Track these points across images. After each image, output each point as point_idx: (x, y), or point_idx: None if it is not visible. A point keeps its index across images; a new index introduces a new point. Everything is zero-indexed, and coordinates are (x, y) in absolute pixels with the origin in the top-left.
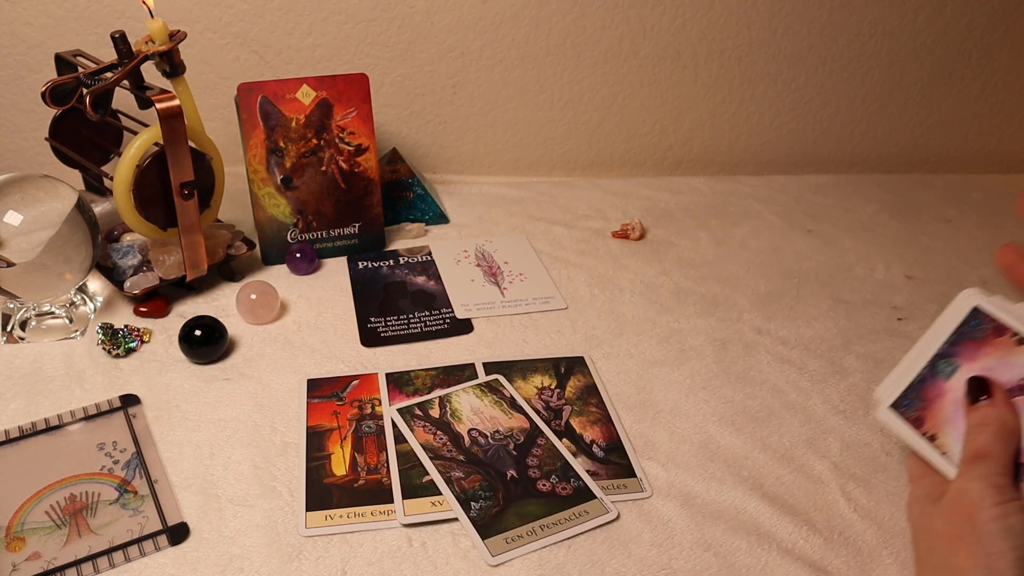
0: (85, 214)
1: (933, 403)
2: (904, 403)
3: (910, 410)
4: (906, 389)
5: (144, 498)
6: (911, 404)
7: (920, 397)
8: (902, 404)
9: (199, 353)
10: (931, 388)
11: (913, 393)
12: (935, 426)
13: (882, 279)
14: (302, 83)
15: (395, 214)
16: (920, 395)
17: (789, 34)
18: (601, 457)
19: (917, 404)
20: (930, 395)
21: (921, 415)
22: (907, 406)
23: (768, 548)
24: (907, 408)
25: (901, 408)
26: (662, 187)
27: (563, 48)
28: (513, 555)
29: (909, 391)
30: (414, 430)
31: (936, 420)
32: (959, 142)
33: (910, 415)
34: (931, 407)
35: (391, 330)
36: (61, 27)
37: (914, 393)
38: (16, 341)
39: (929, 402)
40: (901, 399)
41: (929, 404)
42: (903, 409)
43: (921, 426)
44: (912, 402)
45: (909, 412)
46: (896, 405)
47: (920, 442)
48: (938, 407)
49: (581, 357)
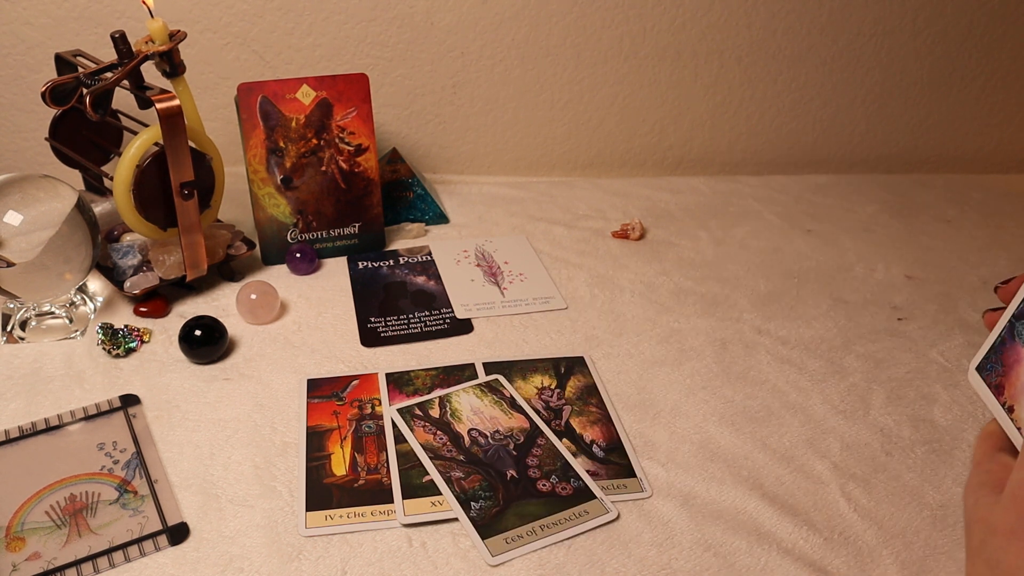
0: (85, 214)
1: (1012, 369)
2: (988, 367)
3: (992, 375)
4: (988, 351)
5: (144, 498)
6: (993, 368)
7: (1001, 361)
8: (986, 368)
9: (199, 353)
10: (1010, 352)
11: (995, 356)
12: (1013, 396)
13: (882, 279)
14: (302, 83)
15: (395, 214)
16: (1001, 359)
17: (789, 34)
18: (601, 457)
19: (999, 369)
20: (1009, 360)
21: (1002, 381)
22: (990, 370)
23: (768, 548)
24: (990, 372)
25: (985, 372)
26: (662, 187)
27: (563, 48)
28: (513, 555)
29: (991, 354)
30: (414, 430)
31: (1014, 389)
32: (959, 142)
33: (992, 380)
34: (1010, 374)
35: (391, 330)
36: (61, 27)
37: (996, 356)
38: (16, 341)
39: (1008, 368)
40: (985, 361)
41: (1008, 370)
42: (987, 373)
43: (1001, 394)
44: (994, 366)
45: (991, 377)
46: (980, 368)
47: (1001, 414)
48: (1016, 375)
49: (581, 357)
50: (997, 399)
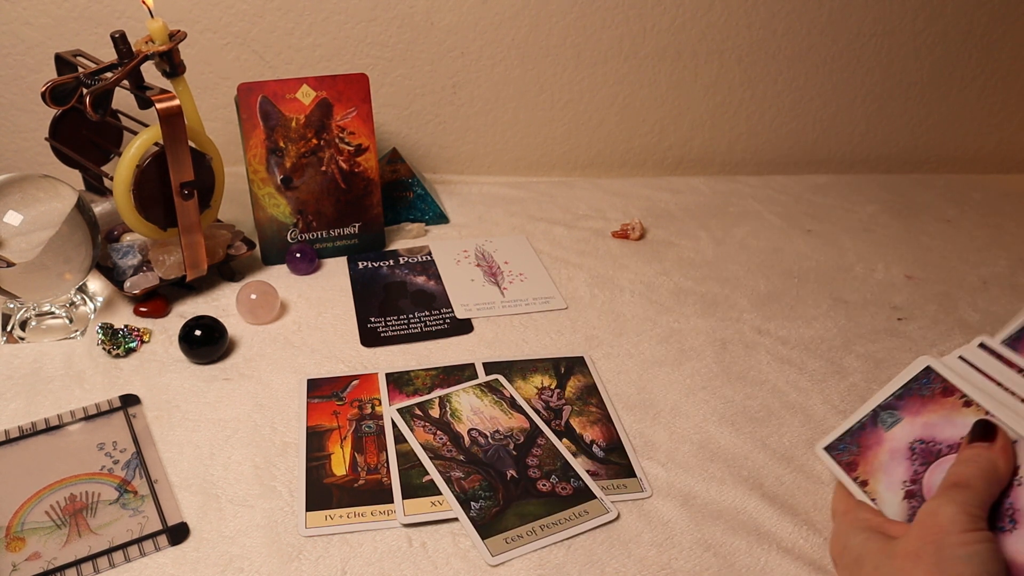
0: (85, 214)
1: (869, 451)
2: (840, 447)
3: (844, 454)
4: (843, 434)
5: (144, 498)
6: (846, 448)
7: (857, 443)
8: (837, 448)
9: (199, 353)
10: (869, 436)
11: (850, 438)
12: (867, 472)
13: (882, 279)
14: (302, 83)
15: (395, 214)
16: (857, 441)
17: (789, 34)
18: (601, 457)
19: (852, 449)
20: (867, 442)
21: (855, 460)
22: (842, 449)
23: (768, 548)
24: (842, 452)
25: (835, 452)
26: (662, 187)
27: (563, 48)
28: (513, 555)
29: (846, 436)
30: (414, 430)
31: (870, 467)
32: (959, 142)
33: (843, 459)
34: (866, 454)
35: (391, 330)
36: (61, 27)
37: (851, 439)
38: (16, 341)
39: (864, 449)
40: (837, 442)
41: (864, 451)
42: (837, 452)
43: (853, 471)
44: (847, 447)
45: (843, 456)
46: (830, 448)
47: (852, 487)
48: (873, 455)
49: (581, 357)
50: (848, 475)
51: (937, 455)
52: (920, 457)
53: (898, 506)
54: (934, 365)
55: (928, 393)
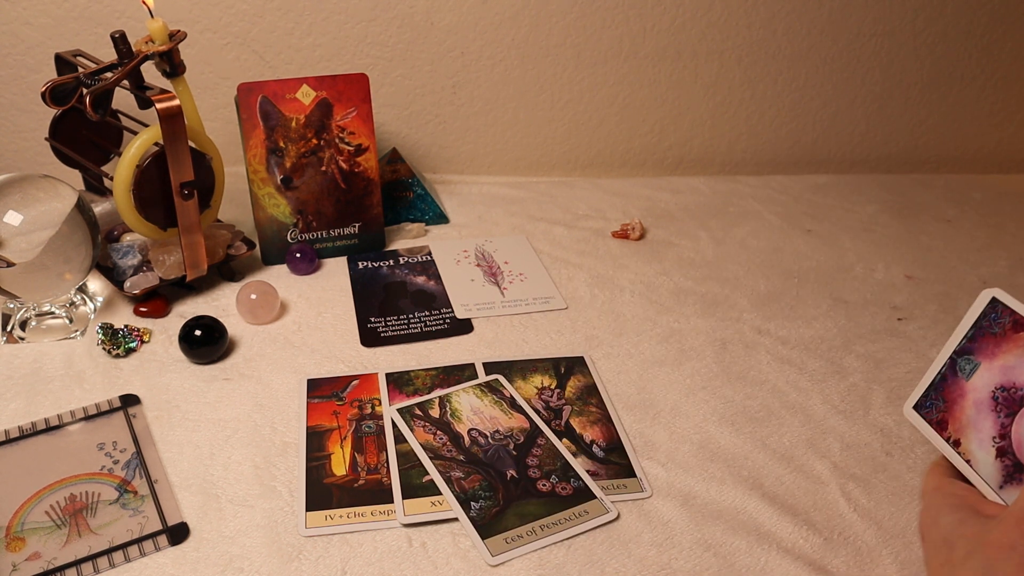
0: (85, 214)
1: (955, 404)
2: (927, 404)
3: (933, 411)
4: (928, 388)
5: (144, 498)
6: (933, 405)
7: (943, 398)
8: (925, 405)
9: (199, 353)
10: (952, 388)
11: (935, 393)
12: (958, 430)
13: (882, 279)
14: (302, 83)
15: (395, 214)
16: (942, 395)
17: (789, 34)
18: (601, 457)
19: (939, 405)
20: (952, 395)
21: (944, 417)
22: (930, 407)
23: (768, 548)
24: (930, 409)
25: (924, 409)
26: (662, 187)
27: (563, 48)
28: (513, 555)
29: (931, 391)
30: (414, 430)
31: (958, 423)
32: (959, 142)
33: (933, 417)
34: (952, 409)
35: (391, 330)
36: (61, 27)
37: (936, 393)
38: (16, 341)
39: (951, 403)
40: (923, 399)
41: (951, 405)
42: (926, 410)
43: (944, 430)
44: (934, 403)
45: (932, 414)
46: (919, 406)
47: (947, 449)
48: (959, 409)
49: (581, 357)
50: (940, 435)
51: (1021, 402)
52: (1004, 407)
53: (992, 465)
54: (999, 296)
55: (999, 330)
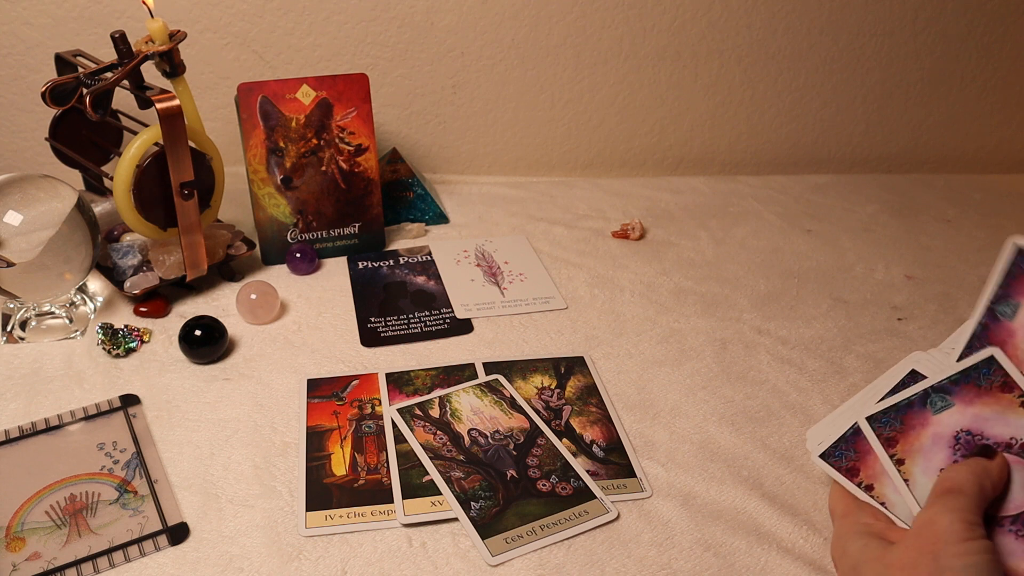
0: (85, 214)
1: (912, 430)
2: (883, 420)
3: (885, 428)
4: (889, 408)
5: (144, 498)
6: (888, 422)
7: (901, 420)
8: (880, 420)
9: (199, 353)
10: (916, 416)
11: (895, 413)
12: (906, 451)
13: (882, 279)
14: (302, 83)
15: (395, 214)
16: (902, 418)
17: (789, 34)
18: (601, 457)
19: (896, 425)
20: (912, 422)
21: (896, 436)
22: (884, 424)
23: (768, 548)
24: (883, 426)
25: (877, 424)
26: (662, 187)
27: (563, 48)
28: (513, 555)
29: (891, 410)
30: (414, 430)
31: (910, 447)
32: (959, 142)
33: (884, 433)
34: (908, 433)
35: (391, 330)
36: (61, 27)
37: (896, 413)
38: (16, 341)
39: (908, 428)
40: (881, 415)
41: (907, 430)
42: (878, 425)
43: (892, 447)
44: (891, 421)
45: (884, 430)
46: (872, 419)
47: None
48: (915, 436)
49: (581, 357)
50: (887, 450)
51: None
52: (963, 448)
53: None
54: (998, 356)
55: (986, 384)
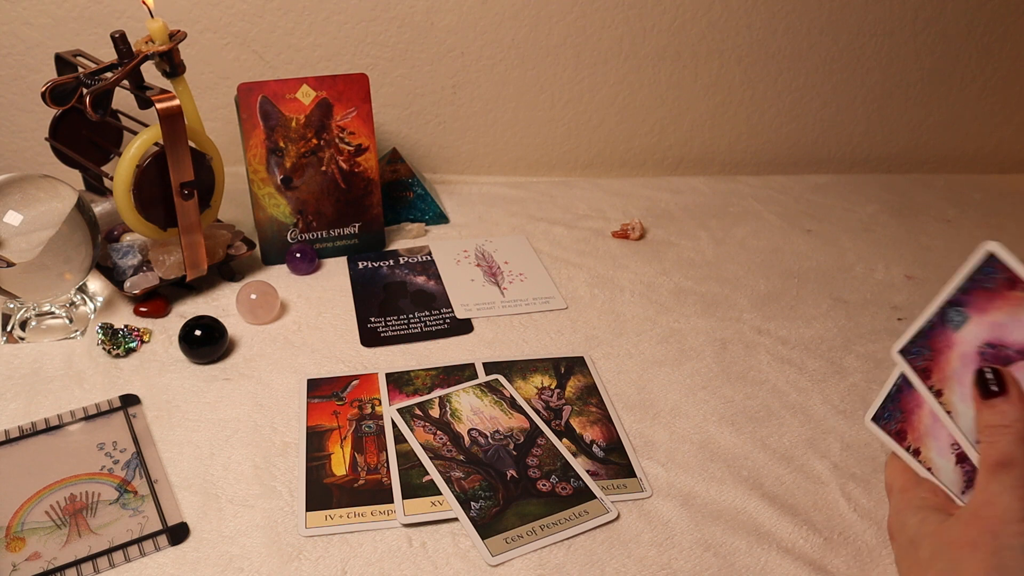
0: (85, 214)
1: (941, 355)
2: (912, 351)
3: (918, 359)
4: (916, 335)
5: (144, 498)
6: (919, 352)
7: (929, 346)
8: (911, 351)
9: (199, 353)
10: (940, 337)
11: (922, 340)
12: (941, 380)
13: (882, 279)
14: (302, 83)
15: (395, 214)
16: (929, 344)
17: (789, 34)
18: (601, 457)
19: (926, 353)
20: (939, 345)
21: (928, 366)
22: (915, 354)
23: (768, 548)
24: (915, 356)
25: (910, 356)
26: (662, 187)
27: (563, 48)
28: (513, 555)
29: (918, 337)
30: (414, 430)
31: (943, 374)
32: (959, 142)
33: (917, 364)
34: (938, 359)
35: (391, 330)
36: (61, 27)
37: (923, 341)
38: (16, 341)
39: (937, 353)
40: (911, 345)
41: (936, 356)
42: (911, 357)
43: (928, 378)
44: (920, 350)
45: (917, 360)
46: (905, 352)
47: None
48: (945, 360)
49: (581, 357)
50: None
51: (1006, 361)
52: (990, 362)
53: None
54: (996, 251)
55: (992, 285)
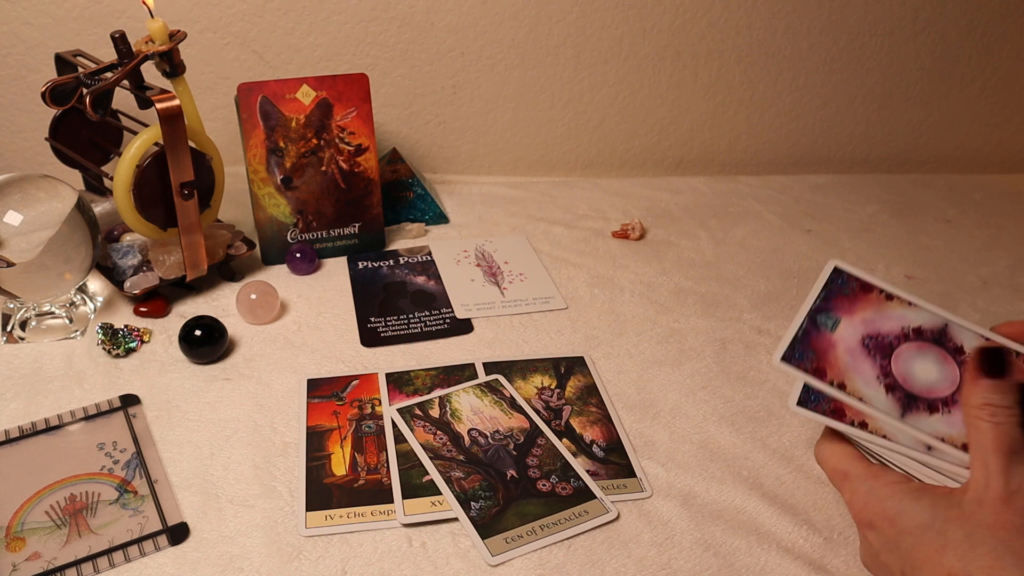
0: (85, 214)
1: (826, 353)
2: (796, 355)
3: (804, 361)
4: (792, 342)
5: (144, 498)
6: (803, 356)
7: (811, 348)
8: (794, 356)
9: (199, 353)
10: (819, 340)
11: (802, 346)
12: (837, 374)
13: (882, 279)
14: (302, 83)
15: (395, 214)
16: (810, 347)
17: (789, 34)
18: (601, 457)
19: (810, 355)
20: (820, 346)
21: (819, 366)
22: (800, 358)
23: (768, 548)
24: (800, 360)
25: (794, 361)
26: (662, 187)
27: (563, 48)
28: (513, 555)
29: (795, 344)
30: (414, 430)
31: (837, 369)
32: (959, 142)
33: (806, 366)
34: (826, 357)
35: (391, 330)
36: (61, 27)
37: (802, 346)
38: (16, 341)
39: (821, 353)
40: (791, 351)
41: (822, 355)
42: (797, 361)
43: (823, 376)
44: (803, 354)
45: (805, 363)
46: (787, 358)
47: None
48: (834, 357)
49: (581, 357)
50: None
51: (891, 347)
52: (877, 351)
53: (885, 400)
54: (841, 265)
55: (849, 292)
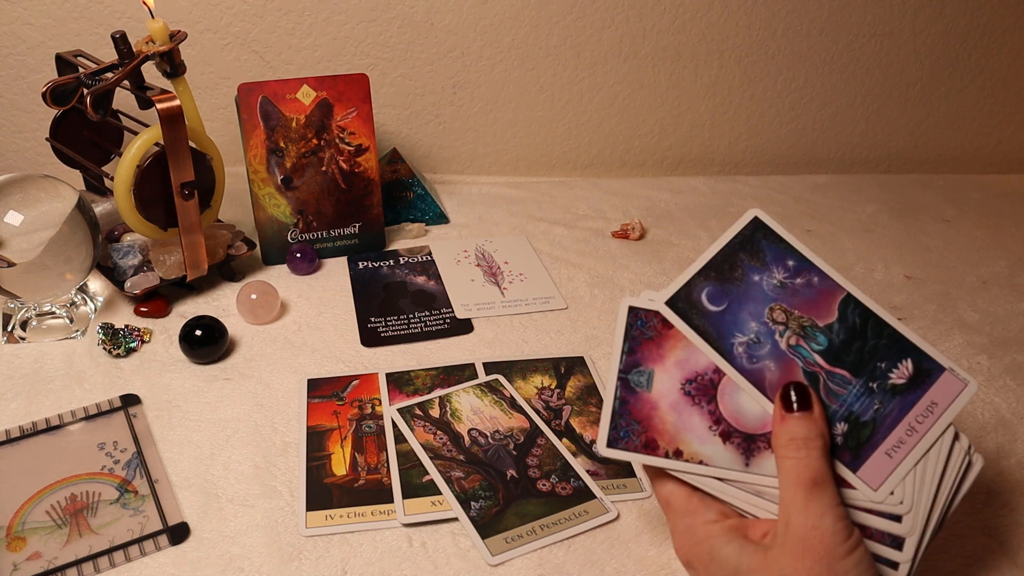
0: (85, 214)
1: (651, 419)
2: (621, 435)
3: (631, 439)
4: (611, 422)
5: (144, 498)
6: (628, 434)
7: (633, 420)
8: (618, 438)
9: (199, 353)
10: (638, 405)
11: (622, 421)
12: (670, 442)
13: (882, 279)
14: (302, 83)
15: (395, 214)
16: (631, 418)
17: (789, 34)
18: (601, 457)
19: (635, 428)
20: (642, 413)
21: (647, 438)
22: (624, 438)
23: None
24: (626, 439)
25: (621, 443)
26: (662, 187)
27: (563, 48)
28: (513, 555)
29: (616, 422)
30: (414, 430)
31: (667, 435)
32: (959, 142)
33: (635, 444)
34: (651, 424)
35: (391, 330)
36: (61, 27)
37: (623, 420)
38: (17, 341)
39: (646, 420)
40: (613, 433)
41: (647, 423)
42: (624, 442)
43: (656, 449)
44: (628, 431)
45: (632, 441)
46: (613, 443)
47: (670, 463)
48: (659, 420)
49: (581, 357)
50: (657, 456)
51: (712, 385)
52: (701, 396)
53: (725, 453)
54: (633, 302)
55: (652, 334)
